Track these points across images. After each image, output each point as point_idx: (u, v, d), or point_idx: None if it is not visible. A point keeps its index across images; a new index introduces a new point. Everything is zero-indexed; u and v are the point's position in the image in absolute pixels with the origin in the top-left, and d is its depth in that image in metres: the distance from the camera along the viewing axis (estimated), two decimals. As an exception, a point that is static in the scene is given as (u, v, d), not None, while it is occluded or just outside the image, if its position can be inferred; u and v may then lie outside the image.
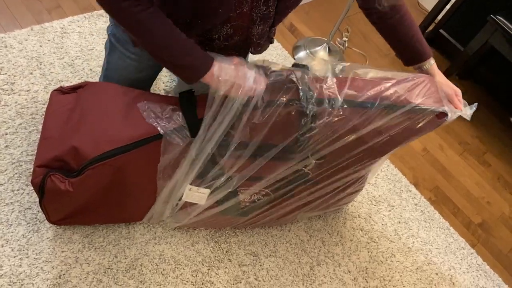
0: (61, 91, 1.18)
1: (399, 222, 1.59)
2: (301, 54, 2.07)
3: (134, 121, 1.05)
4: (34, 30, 1.65)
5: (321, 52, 2.09)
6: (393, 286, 1.43)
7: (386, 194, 1.66)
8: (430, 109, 1.06)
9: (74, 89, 1.18)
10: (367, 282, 1.41)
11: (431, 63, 1.13)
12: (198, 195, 1.16)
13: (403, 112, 1.04)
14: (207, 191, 1.14)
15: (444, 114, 1.08)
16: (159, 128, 1.01)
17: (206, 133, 0.99)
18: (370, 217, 1.57)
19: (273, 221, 1.38)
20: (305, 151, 1.08)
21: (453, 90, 1.11)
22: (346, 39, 2.21)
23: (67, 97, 1.16)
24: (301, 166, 1.12)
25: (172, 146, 1.03)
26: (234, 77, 0.91)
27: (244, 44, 1.06)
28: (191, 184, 1.12)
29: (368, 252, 1.48)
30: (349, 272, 1.41)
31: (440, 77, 1.13)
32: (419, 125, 1.09)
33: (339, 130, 1.04)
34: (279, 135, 1.05)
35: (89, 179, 1.03)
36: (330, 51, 2.11)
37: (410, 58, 1.14)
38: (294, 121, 1.01)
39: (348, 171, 1.20)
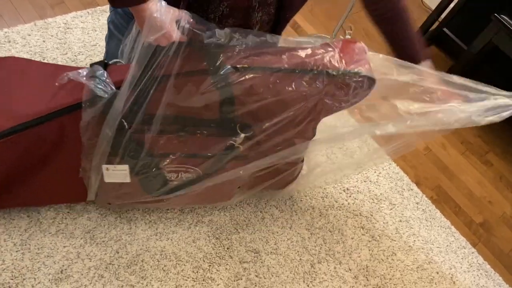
0: None
1: (400, 221, 1.59)
2: (304, 51, 2.07)
3: (43, 96, 1.03)
4: (37, 25, 1.65)
5: (324, 50, 2.09)
6: (394, 284, 1.43)
7: (388, 193, 1.66)
8: (354, 73, 1.02)
9: None
10: (367, 280, 1.41)
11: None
12: (119, 173, 1.12)
13: (323, 76, 1.02)
14: (126, 167, 1.11)
15: (373, 81, 1.04)
16: (83, 80, 0.97)
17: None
18: (372, 216, 1.57)
19: (209, 199, 1.33)
20: (229, 122, 1.05)
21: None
22: (349, 37, 2.20)
23: None
24: (230, 141, 1.10)
25: (94, 98, 0.98)
26: (169, 23, 0.85)
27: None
28: (107, 163, 1.08)
29: (369, 250, 1.48)
30: (350, 270, 1.41)
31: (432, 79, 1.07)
32: (343, 92, 1.05)
33: (260, 97, 1.01)
34: (194, 107, 1.02)
35: None
36: (333, 48, 2.10)
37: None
38: (207, 90, 0.98)
39: (278, 142, 1.16)
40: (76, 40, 1.65)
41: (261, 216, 1.44)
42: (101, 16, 1.76)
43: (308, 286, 1.34)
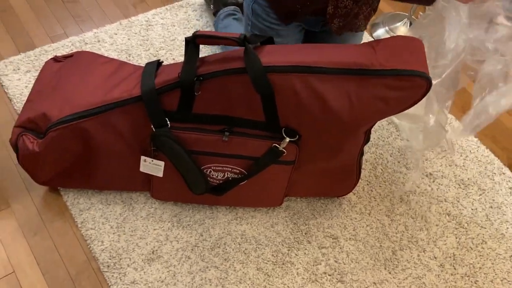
0: (55, 59, 1.28)
1: (491, 207, 1.49)
2: (380, 31, 1.99)
3: (106, 88, 1.10)
4: (122, 24, 1.77)
5: (402, 29, 1.99)
6: (484, 274, 1.34)
7: (476, 177, 1.55)
8: (408, 73, 0.95)
9: (66, 57, 1.27)
10: (455, 269, 1.34)
11: None
12: (154, 167, 1.18)
13: (375, 77, 0.96)
14: (162, 163, 1.16)
15: (428, 81, 0.96)
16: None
17: None
18: (458, 202, 1.48)
19: (255, 202, 1.34)
20: (275, 126, 1.07)
21: None
22: (431, 13, 2.07)
23: (55, 65, 1.25)
24: (274, 144, 1.10)
25: None
26: None
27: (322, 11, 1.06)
28: (145, 155, 1.16)
29: (456, 238, 1.40)
30: (435, 258, 1.36)
31: None
32: (396, 95, 0.98)
33: (305, 100, 1.00)
34: (241, 107, 1.04)
35: (52, 140, 1.10)
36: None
37: None
38: (252, 91, 1.00)
39: (326, 151, 1.14)
40: (157, 36, 1.75)
41: (338, 202, 1.43)
42: (178, 11, 1.84)
43: (389, 273, 1.31)
